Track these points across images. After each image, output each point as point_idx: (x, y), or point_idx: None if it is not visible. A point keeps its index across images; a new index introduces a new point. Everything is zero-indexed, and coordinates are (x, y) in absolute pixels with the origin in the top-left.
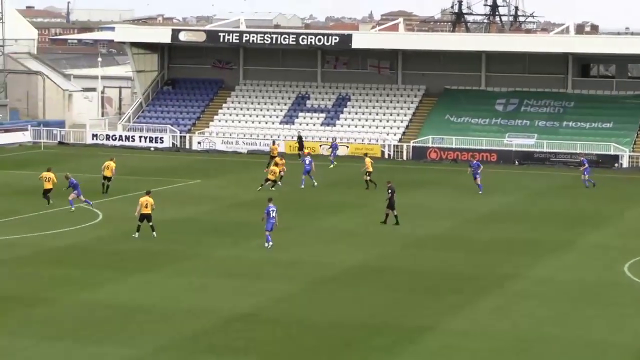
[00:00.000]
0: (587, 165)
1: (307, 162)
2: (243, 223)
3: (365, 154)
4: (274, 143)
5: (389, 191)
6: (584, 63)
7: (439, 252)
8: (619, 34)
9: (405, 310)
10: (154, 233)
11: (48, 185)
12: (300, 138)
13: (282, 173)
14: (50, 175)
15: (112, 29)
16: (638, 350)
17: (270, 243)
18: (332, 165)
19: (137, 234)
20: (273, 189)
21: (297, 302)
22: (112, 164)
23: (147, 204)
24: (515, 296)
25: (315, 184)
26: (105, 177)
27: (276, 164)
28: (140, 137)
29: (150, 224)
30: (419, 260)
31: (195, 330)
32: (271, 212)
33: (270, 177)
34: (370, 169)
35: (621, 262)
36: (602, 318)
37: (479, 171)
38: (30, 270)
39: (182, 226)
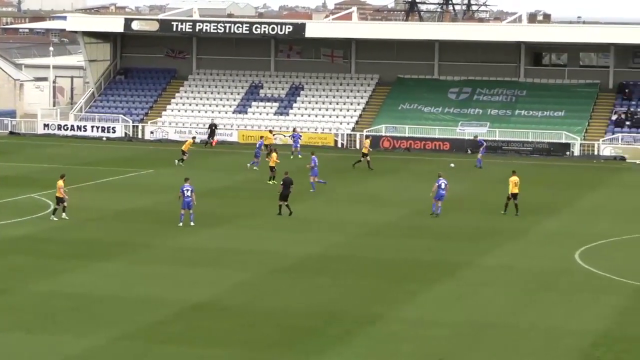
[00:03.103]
0: (483, 145)
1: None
2: (198, 212)
3: (367, 137)
4: (271, 131)
5: (282, 183)
6: (536, 52)
7: (394, 240)
8: (570, 22)
9: (361, 298)
10: (63, 214)
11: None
12: (213, 126)
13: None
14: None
15: (64, 18)
16: (593, 337)
17: (192, 223)
18: (300, 156)
19: (53, 216)
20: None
21: (254, 291)
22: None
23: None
24: (470, 284)
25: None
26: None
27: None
28: (93, 127)
29: (63, 204)
30: (374, 248)
31: (151, 320)
32: (185, 192)
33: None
34: (366, 151)
35: (573, 249)
36: (556, 305)
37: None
38: None
39: (136, 216)
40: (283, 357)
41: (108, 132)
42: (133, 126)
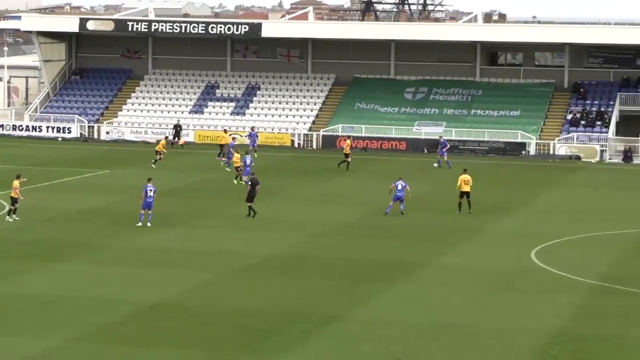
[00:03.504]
0: (447, 147)
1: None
2: (156, 212)
3: (348, 137)
4: (225, 131)
5: (249, 183)
6: (491, 52)
7: (353, 240)
8: (526, 22)
9: (321, 298)
10: (14, 216)
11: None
12: (178, 127)
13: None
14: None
15: (19, 17)
16: (549, 336)
17: (149, 224)
18: (256, 155)
19: (8, 217)
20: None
21: (213, 291)
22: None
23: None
24: (428, 283)
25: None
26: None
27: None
28: (48, 127)
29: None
30: (334, 248)
31: (108, 321)
32: (148, 192)
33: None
34: (348, 151)
35: (529, 248)
36: (512, 304)
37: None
38: None
39: (92, 216)
40: (242, 357)
41: (63, 132)
42: (89, 126)
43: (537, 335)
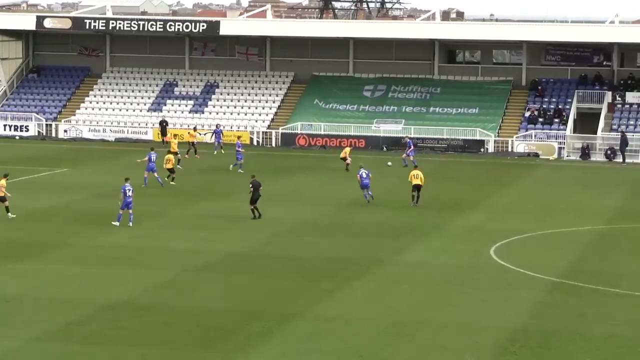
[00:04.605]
0: (412, 147)
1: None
2: (113, 211)
3: (348, 145)
4: (195, 129)
5: (251, 186)
6: (450, 49)
7: (311, 238)
8: (483, 20)
9: (279, 296)
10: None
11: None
12: (163, 122)
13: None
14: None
15: None
16: (509, 332)
17: (131, 224)
18: (222, 151)
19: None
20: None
21: (172, 290)
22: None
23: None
24: (387, 281)
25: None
26: None
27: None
28: (5, 125)
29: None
30: (292, 246)
31: (68, 320)
32: (127, 191)
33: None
34: (344, 156)
35: (488, 245)
36: (473, 301)
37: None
38: None
39: (51, 215)
40: (203, 355)
41: (21, 130)
42: (46, 125)
43: (497, 331)
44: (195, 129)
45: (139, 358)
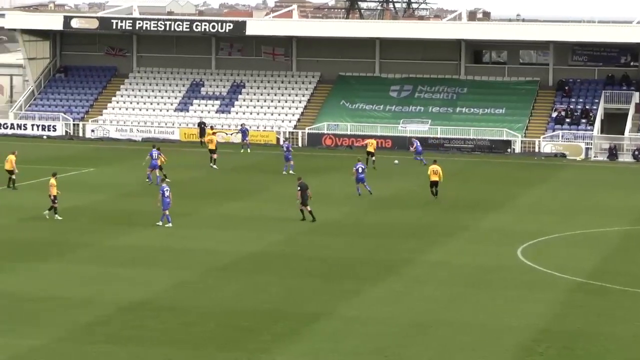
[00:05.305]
0: (417, 145)
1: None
2: (137, 211)
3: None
4: (211, 128)
5: (298, 188)
6: (476, 49)
7: (336, 238)
8: (510, 20)
9: (302, 296)
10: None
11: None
12: (202, 124)
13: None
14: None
15: (3, 15)
16: (533, 333)
17: (169, 224)
18: (249, 150)
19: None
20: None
21: (195, 290)
22: (12, 157)
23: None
24: (411, 281)
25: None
26: (7, 172)
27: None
28: (33, 125)
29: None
30: (316, 246)
31: (90, 320)
32: (165, 192)
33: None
34: (369, 149)
35: (514, 246)
36: (497, 302)
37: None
38: None
39: (76, 215)
40: (227, 356)
41: (49, 130)
42: (74, 124)
43: (523, 332)
44: (212, 128)
45: (162, 358)
